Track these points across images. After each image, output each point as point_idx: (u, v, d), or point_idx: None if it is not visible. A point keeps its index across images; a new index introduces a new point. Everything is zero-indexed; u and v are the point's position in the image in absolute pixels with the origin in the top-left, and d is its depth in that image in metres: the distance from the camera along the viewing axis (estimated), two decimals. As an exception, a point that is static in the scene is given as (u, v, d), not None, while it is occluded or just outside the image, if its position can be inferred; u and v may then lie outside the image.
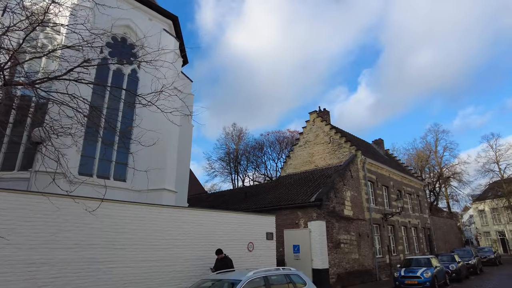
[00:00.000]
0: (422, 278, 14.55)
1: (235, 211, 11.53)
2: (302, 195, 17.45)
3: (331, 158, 21.74)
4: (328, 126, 22.60)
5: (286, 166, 24.69)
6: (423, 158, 45.39)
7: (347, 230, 16.98)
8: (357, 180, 19.67)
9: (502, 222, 50.67)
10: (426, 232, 28.75)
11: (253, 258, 11.52)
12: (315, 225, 14.98)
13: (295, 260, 15.36)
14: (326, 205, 15.97)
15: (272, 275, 7.21)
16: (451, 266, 18.44)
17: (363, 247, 18.04)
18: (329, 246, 15.24)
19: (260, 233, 12.05)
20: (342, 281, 15.44)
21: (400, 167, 29.13)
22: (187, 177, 19.74)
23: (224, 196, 25.20)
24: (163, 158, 14.73)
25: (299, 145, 24.27)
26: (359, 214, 18.64)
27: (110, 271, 7.90)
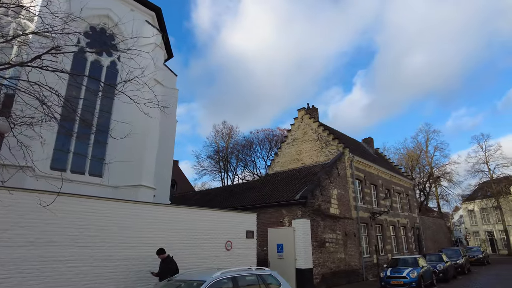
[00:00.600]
0: (408, 278, 14.18)
1: (212, 208, 11.04)
2: (288, 193, 16.99)
3: (318, 155, 21.32)
4: (316, 123, 22.18)
5: (274, 164, 24.23)
6: (413, 157, 45.31)
7: (333, 229, 16.56)
8: (345, 178, 19.27)
9: (491, 222, 50.90)
10: (415, 232, 28.52)
11: (232, 257, 11.01)
12: (299, 224, 14.53)
13: (278, 260, 14.91)
14: (311, 203, 15.53)
15: (242, 276, 6.71)
16: (439, 266, 18.14)
17: (349, 246, 17.64)
18: (313, 245, 14.80)
19: (240, 231, 11.54)
20: (326, 281, 15.01)
21: (390, 166, 28.86)
22: (170, 174, 19.15)
23: (209, 195, 24.65)
24: (140, 153, 14.15)
25: (287, 142, 23.82)
26: (345, 213, 18.24)
27: (70, 270, 7.32)
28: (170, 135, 19.35)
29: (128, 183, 13.71)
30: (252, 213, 12.38)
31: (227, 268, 7.52)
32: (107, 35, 15.77)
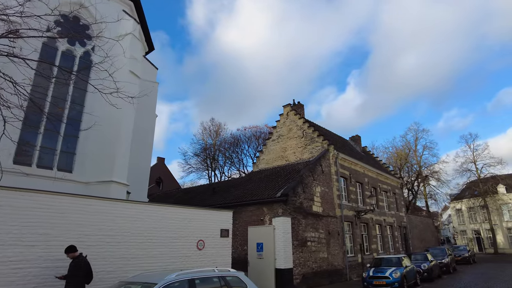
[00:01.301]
0: (391, 279, 13.77)
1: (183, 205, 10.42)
2: (269, 190, 16.46)
3: (303, 152, 20.83)
4: (301, 120, 21.68)
5: (259, 161, 23.68)
6: (402, 156, 45.20)
7: (315, 228, 16.07)
8: (329, 175, 18.81)
9: (478, 221, 51.19)
10: (402, 231, 28.26)
11: (204, 257, 10.42)
12: (279, 222, 14.01)
13: (258, 259, 14.40)
14: (292, 201, 15.01)
15: (202, 278, 6.13)
16: (423, 266, 17.82)
17: (332, 245, 17.18)
18: (294, 244, 14.29)
19: (214, 230, 10.96)
20: (307, 281, 14.52)
21: (377, 164, 28.54)
22: (148, 170, 18.47)
23: (192, 192, 24.00)
24: (113, 148, 13.46)
25: (272, 139, 23.29)
26: (329, 211, 17.78)
27: (15, 273, 6.66)
28: (149, 129, 18.65)
29: (99, 179, 13.03)
30: (228, 210, 11.80)
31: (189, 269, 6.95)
32: (80, 24, 15.04)
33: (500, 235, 47.82)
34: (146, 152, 18.19)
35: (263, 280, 13.86)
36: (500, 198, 47.47)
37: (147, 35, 19.81)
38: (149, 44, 20.17)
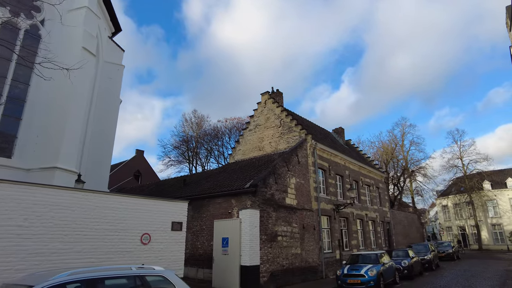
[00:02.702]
0: (366, 277, 12.68)
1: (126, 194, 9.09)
2: (240, 181, 15.19)
3: (280, 142, 19.62)
4: (279, 108, 20.44)
5: (235, 152, 22.40)
6: (388, 151, 44.41)
7: (287, 221, 14.88)
8: (306, 166, 17.63)
9: (463, 217, 50.91)
10: (385, 226, 27.35)
11: (149, 253, 9.13)
12: (246, 215, 12.79)
13: (223, 256, 13.18)
14: (262, 192, 13.78)
15: (107, 278, 4.83)
16: (403, 263, 16.81)
17: (307, 240, 16.03)
18: (262, 239, 13.08)
19: (163, 222, 9.66)
20: (276, 279, 13.34)
21: (360, 157, 27.53)
22: (109, 159, 16.98)
23: (164, 185, 22.62)
24: (59, 131, 11.99)
25: (249, 129, 22.01)
26: (305, 204, 16.61)
27: None
28: (112, 116, 17.18)
29: (42, 165, 11.60)
30: (182, 201, 10.50)
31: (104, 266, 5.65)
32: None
33: (485, 231, 47.59)
34: (107, 139, 16.73)
35: (227, 278, 12.67)
36: (486, 194, 47.21)
37: (114, 16, 18.31)
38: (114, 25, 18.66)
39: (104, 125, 16.58)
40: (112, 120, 17.38)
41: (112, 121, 17.38)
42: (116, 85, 17.98)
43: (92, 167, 15.38)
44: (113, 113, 17.46)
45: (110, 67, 17.71)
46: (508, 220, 46.21)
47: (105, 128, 16.68)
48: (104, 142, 16.53)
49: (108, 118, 17.03)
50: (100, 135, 16.30)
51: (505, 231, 46.05)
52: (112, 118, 17.39)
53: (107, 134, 16.80)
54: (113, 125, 17.39)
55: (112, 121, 17.34)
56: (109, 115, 17.08)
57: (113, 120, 17.46)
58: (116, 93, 17.92)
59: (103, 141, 16.40)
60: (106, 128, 16.76)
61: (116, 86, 17.97)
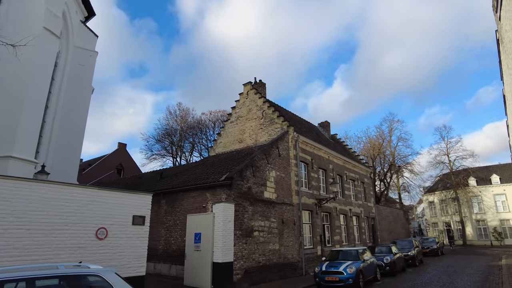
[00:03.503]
0: (345, 274, 12.11)
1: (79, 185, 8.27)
2: (216, 174, 14.46)
3: (261, 135, 18.92)
4: (261, 99, 19.71)
5: (216, 145, 21.63)
6: (375, 146, 44.14)
7: (265, 216, 14.23)
8: (287, 159, 16.98)
9: (449, 213, 51.18)
10: (370, 222, 26.99)
11: (106, 249, 8.34)
12: (219, 209, 12.08)
13: (195, 252, 12.48)
14: (238, 185, 13.08)
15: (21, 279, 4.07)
16: (386, 259, 16.35)
17: (286, 236, 15.43)
18: (236, 235, 12.40)
19: (123, 216, 8.88)
20: (251, 277, 12.69)
21: (345, 151, 27.05)
22: (79, 150, 16.02)
23: (142, 179, 21.76)
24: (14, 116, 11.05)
25: (230, 121, 21.25)
26: (285, 198, 15.98)
27: None
28: (82, 104, 16.21)
29: (-5, 154, 10.67)
30: (146, 194, 9.71)
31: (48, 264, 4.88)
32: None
33: (469, 227, 47.92)
34: (77, 129, 15.79)
35: (199, 276, 11.97)
36: (471, 190, 47.47)
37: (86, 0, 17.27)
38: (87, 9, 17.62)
39: (74, 114, 15.64)
40: (83, 109, 16.41)
41: (83, 110, 16.41)
42: (88, 72, 16.99)
43: (60, 158, 14.48)
44: (84, 102, 16.48)
45: (82, 53, 16.70)
46: (492, 216, 46.57)
47: (75, 117, 15.73)
48: (74, 132, 15.59)
49: (79, 107, 16.07)
50: (70, 124, 15.36)
51: (489, 227, 46.42)
52: (83, 107, 16.42)
53: (77, 124, 15.85)
54: (84, 114, 16.43)
55: (83, 110, 16.37)
56: (79, 104, 16.12)
57: (84, 109, 16.49)
58: (88, 80, 16.93)
59: (72, 131, 15.46)
60: (76, 117, 15.80)
61: (88, 73, 16.98)
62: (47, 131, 14.26)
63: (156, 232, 15.38)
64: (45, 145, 14.07)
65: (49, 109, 14.61)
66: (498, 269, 17.82)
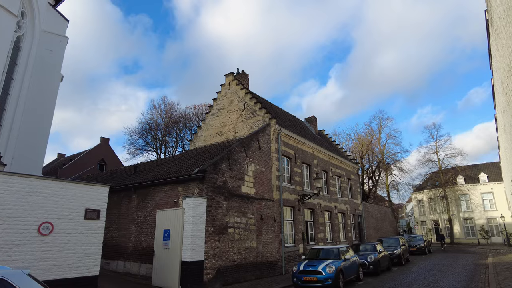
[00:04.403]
0: (323, 274, 11.37)
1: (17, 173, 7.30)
2: (191, 167, 13.57)
3: (243, 128, 18.07)
4: (243, 91, 18.84)
5: (196, 138, 20.72)
6: (364, 143, 43.63)
7: (242, 212, 13.40)
8: (268, 153, 16.17)
9: (437, 211, 51.05)
10: (356, 219, 26.38)
11: (51, 246, 7.42)
12: (189, 204, 11.21)
13: (164, 250, 11.62)
14: (212, 179, 12.22)
15: None
16: (369, 258, 15.68)
17: (265, 233, 14.63)
18: (208, 231, 11.54)
19: (73, 209, 7.95)
20: (224, 276, 11.85)
21: (332, 147, 26.36)
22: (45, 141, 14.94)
23: (117, 173, 20.72)
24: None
25: (211, 113, 20.34)
26: (264, 193, 15.18)
27: None
28: (50, 92, 15.15)
29: None
30: (103, 185, 8.79)
31: None
32: None
33: (457, 225, 47.85)
34: (43, 118, 14.73)
35: (167, 275, 11.11)
36: (459, 189, 47.37)
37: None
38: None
39: (40, 102, 14.59)
40: (51, 97, 15.35)
41: (51, 98, 15.35)
42: (57, 58, 15.91)
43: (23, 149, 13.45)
44: (52, 90, 15.42)
45: (50, 37, 15.62)
46: (479, 214, 46.54)
47: (42, 105, 14.68)
48: (40, 121, 14.55)
49: (46, 94, 15.02)
50: (35, 113, 14.32)
51: (476, 225, 46.38)
52: (51, 95, 15.36)
53: (44, 113, 14.79)
54: (51, 102, 15.36)
55: (50, 98, 15.31)
56: (47, 92, 15.06)
57: (52, 97, 15.43)
58: (56, 67, 15.85)
59: (38, 120, 14.42)
60: (43, 106, 14.75)
61: (57, 60, 15.91)
62: (8, 120, 13.22)
63: (127, 229, 14.46)
64: (5, 134, 13.03)
65: (11, 96, 13.58)
66: (484, 268, 17.34)
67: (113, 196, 15.86)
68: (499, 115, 13.90)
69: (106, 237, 15.48)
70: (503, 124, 11.35)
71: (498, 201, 45.45)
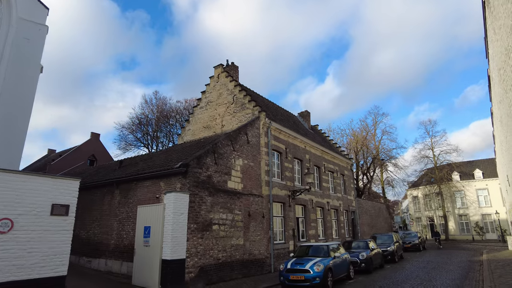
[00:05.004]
0: (311, 273, 10.86)
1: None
2: (175, 162, 12.98)
3: (231, 121, 17.48)
4: (232, 83, 18.23)
5: (184, 133, 20.11)
6: (359, 139, 43.17)
7: (228, 208, 12.85)
8: (257, 147, 15.61)
9: (432, 208, 50.85)
10: (350, 216, 25.94)
11: (11, 244, 6.81)
12: (170, 199, 10.63)
13: (145, 247, 11.06)
14: (195, 173, 11.65)
15: None
16: (361, 255, 15.19)
17: (253, 230, 14.10)
18: (191, 228, 10.99)
19: (37, 204, 7.34)
20: (208, 275, 11.32)
21: (325, 142, 25.84)
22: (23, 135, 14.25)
23: (103, 168, 20.08)
24: None
25: (200, 106, 19.72)
26: (253, 189, 14.63)
27: None
28: (28, 84, 14.45)
29: None
30: (71, 178, 8.18)
31: None
32: None
33: (452, 222, 47.70)
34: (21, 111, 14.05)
35: (147, 274, 10.56)
36: (454, 185, 47.12)
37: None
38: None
39: (17, 94, 13.90)
40: (29, 89, 14.62)
41: (29, 90, 14.63)
42: (36, 48, 15.19)
43: None
44: (30, 81, 14.70)
45: (28, 26, 14.89)
46: (474, 210, 46.39)
47: (19, 97, 13.99)
48: (17, 114, 13.87)
49: (24, 86, 14.35)
50: (12, 105, 13.64)
51: (470, 222, 46.25)
52: (30, 87, 14.63)
53: (22, 105, 14.11)
54: (30, 94, 14.64)
55: (29, 90, 14.60)
56: (25, 83, 14.39)
57: (31, 89, 14.70)
58: (35, 57, 15.12)
59: (15, 113, 13.74)
60: (20, 98, 14.06)
61: (35, 50, 15.18)
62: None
63: (109, 226, 13.87)
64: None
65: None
66: (479, 265, 16.95)
67: (95, 192, 15.29)
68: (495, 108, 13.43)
69: (88, 234, 14.93)
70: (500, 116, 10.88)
71: (493, 198, 45.28)
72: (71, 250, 7.86)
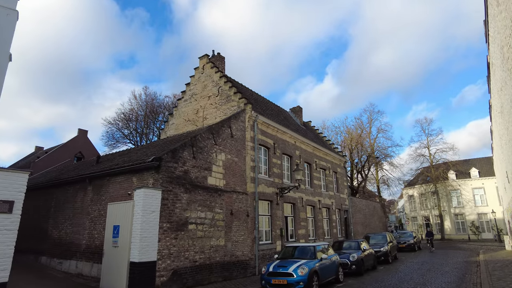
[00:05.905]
0: (295, 277, 9.93)
1: None
2: (149, 156, 12.00)
3: (216, 114, 16.52)
4: (218, 74, 17.26)
5: (168, 127, 19.13)
6: (353, 136, 42.32)
7: (207, 206, 11.90)
8: (242, 141, 14.67)
9: (428, 207, 50.19)
10: (342, 215, 25.07)
11: None
12: (140, 196, 9.68)
13: (113, 248, 10.10)
14: (169, 168, 10.69)
15: None
16: (352, 257, 14.28)
17: (236, 230, 13.16)
18: (163, 228, 10.03)
19: (-28, 200, 6.38)
20: (183, 279, 10.37)
21: (318, 138, 24.94)
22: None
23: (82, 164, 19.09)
24: None
25: (184, 99, 18.74)
26: (236, 186, 13.69)
27: None
28: (-5, 72, 13.42)
29: None
30: (16, 171, 7.20)
31: None
32: None
33: (448, 221, 47.05)
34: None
35: (115, 277, 9.61)
36: (450, 184, 46.46)
37: None
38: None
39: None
40: (-4, 78, 13.62)
41: (-4, 79, 13.62)
42: (5, 34, 14.11)
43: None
44: None
45: None
46: (470, 210, 45.76)
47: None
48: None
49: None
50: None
51: (466, 221, 45.63)
52: (-3, 76, 13.63)
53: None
54: (-2, 83, 13.63)
55: (-4, 79, 13.58)
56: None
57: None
58: (4, 45, 14.09)
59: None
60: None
61: (5, 36, 14.10)
62: None
63: (81, 224, 12.88)
64: None
65: None
66: (476, 266, 16.14)
67: (68, 188, 14.30)
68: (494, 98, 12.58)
69: (60, 234, 13.93)
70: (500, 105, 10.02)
71: (489, 197, 44.64)
72: (43, 251, 6.94)
